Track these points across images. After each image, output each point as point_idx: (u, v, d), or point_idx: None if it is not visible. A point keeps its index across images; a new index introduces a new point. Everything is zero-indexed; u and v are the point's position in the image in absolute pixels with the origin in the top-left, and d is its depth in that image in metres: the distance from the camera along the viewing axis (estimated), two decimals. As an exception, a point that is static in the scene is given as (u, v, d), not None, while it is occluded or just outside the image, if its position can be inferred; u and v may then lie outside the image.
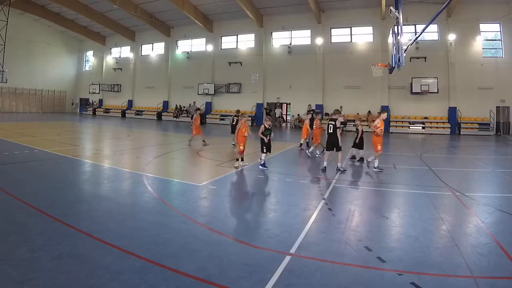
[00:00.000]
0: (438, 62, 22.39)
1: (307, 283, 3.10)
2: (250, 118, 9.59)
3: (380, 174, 8.39)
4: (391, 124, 23.21)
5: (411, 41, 10.77)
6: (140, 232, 4.23)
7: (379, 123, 8.87)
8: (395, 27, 9.91)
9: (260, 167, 8.53)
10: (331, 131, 8.57)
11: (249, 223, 4.85)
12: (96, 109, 36.71)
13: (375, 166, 8.73)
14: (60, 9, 30.16)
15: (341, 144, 8.62)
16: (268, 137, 8.66)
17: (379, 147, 8.81)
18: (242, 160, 8.76)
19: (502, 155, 13.79)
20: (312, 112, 12.91)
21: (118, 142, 14.42)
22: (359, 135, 9.99)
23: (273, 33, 27.43)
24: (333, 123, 8.60)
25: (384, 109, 9.35)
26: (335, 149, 8.54)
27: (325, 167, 8.56)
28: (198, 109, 14.54)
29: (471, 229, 4.71)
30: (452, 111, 22.18)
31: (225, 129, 22.25)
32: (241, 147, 8.74)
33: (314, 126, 11.52)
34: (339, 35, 25.41)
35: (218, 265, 3.39)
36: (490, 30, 22.14)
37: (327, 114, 25.16)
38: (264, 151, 8.63)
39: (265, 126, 8.73)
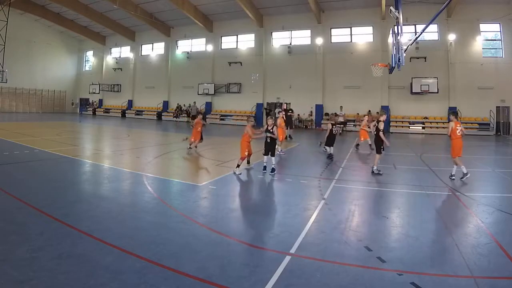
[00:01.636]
0: (438, 62, 22.39)
1: (307, 283, 3.10)
2: (253, 122, 8.76)
3: (381, 175, 8.30)
4: (391, 124, 23.21)
5: (411, 41, 10.78)
6: (140, 232, 4.23)
7: (450, 127, 7.97)
8: (395, 27, 9.92)
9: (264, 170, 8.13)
10: (375, 132, 8.56)
11: (249, 223, 4.85)
12: (96, 109, 36.70)
13: (464, 171, 7.68)
14: (60, 9, 30.16)
15: (387, 145, 8.49)
16: (266, 139, 8.20)
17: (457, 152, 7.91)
18: (238, 166, 7.96)
19: (502, 155, 13.80)
20: (284, 110, 13.13)
21: (118, 142, 14.42)
22: (328, 133, 10.67)
23: (273, 33, 27.43)
24: (376, 124, 8.61)
25: (454, 111, 8.56)
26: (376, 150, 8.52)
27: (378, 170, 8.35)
28: (200, 112, 13.21)
29: (471, 229, 4.71)
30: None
31: (225, 129, 22.27)
32: (246, 153, 8.11)
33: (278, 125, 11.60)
34: (339, 35, 25.41)
35: (218, 265, 3.39)
36: (490, 30, 22.13)
37: (327, 114, 25.19)
38: (264, 153, 8.24)
39: (267, 127, 8.26)
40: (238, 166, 7.92)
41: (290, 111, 18.66)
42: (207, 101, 29.83)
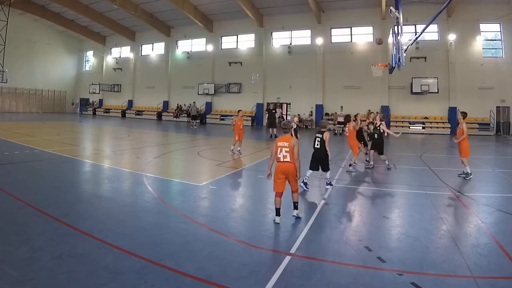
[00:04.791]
0: (438, 62, 22.38)
1: (307, 283, 3.10)
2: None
3: (382, 174, 8.36)
4: (391, 124, 23.21)
5: (411, 41, 10.80)
6: (140, 232, 4.23)
7: (465, 129, 7.98)
8: (395, 27, 9.93)
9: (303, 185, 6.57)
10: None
11: (249, 223, 4.85)
12: (96, 109, 36.70)
13: (468, 171, 7.91)
14: (60, 9, 30.15)
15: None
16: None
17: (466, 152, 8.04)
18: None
19: (502, 155, 13.79)
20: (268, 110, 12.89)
21: (118, 142, 14.42)
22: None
23: (273, 33, 27.43)
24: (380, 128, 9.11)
25: (464, 111, 8.38)
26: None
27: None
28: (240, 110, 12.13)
29: (471, 229, 4.71)
30: (452, 111, 22.15)
31: (225, 129, 22.26)
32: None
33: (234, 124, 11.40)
34: (339, 35, 25.40)
35: (218, 265, 3.39)
36: (490, 30, 22.12)
37: (327, 114, 25.20)
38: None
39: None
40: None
41: (274, 110, 18.65)
42: (207, 101, 29.81)
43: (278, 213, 4.68)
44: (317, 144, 6.63)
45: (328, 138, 6.57)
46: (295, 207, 4.87)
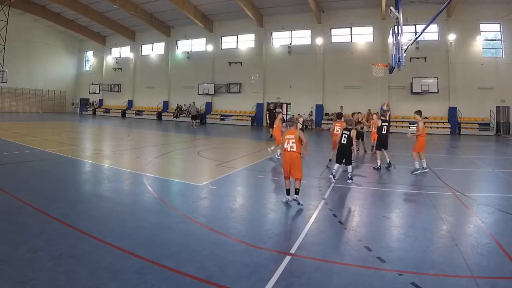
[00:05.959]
0: (438, 62, 22.38)
1: (307, 283, 3.10)
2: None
3: (379, 174, 8.40)
4: (391, 124, 23.20)
5: (411, 41, 10.81)
6: (140, 232, 4.23)
7: (421, 126, 8.73)
8: (395, 27, 9.94)
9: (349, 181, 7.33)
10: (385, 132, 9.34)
11: (249, 223, 4.84)
12: (96, 109, 36.70)
13: (424, 166, 8.49)
14: (60, 9, 30.15)
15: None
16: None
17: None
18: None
19: (502, 155, 13.79)
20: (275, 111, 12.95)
21: (118, 142, 14.42)
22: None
23: (273, 33, 27.43)
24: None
25: (418, 110, 9.36)
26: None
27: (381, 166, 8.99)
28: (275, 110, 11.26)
29: (471, 229, 4.71)
30: (452, 111, 22.17)
31: (225, 129, 22.27)
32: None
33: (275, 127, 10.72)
34: (339, 35, 25.40)
35: (218, 265, 3.39)
36: (490, 30, 22.12)
37: (327, 114, 25.21)
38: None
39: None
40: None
41: (274, 110, 18.62)
42: (207, 101, 29.81)
43: (288, 193, 5.55)
44: (344, 140, 7.28)
45: (355, 136, 7.45)
46: (296, 193, 5.44)
